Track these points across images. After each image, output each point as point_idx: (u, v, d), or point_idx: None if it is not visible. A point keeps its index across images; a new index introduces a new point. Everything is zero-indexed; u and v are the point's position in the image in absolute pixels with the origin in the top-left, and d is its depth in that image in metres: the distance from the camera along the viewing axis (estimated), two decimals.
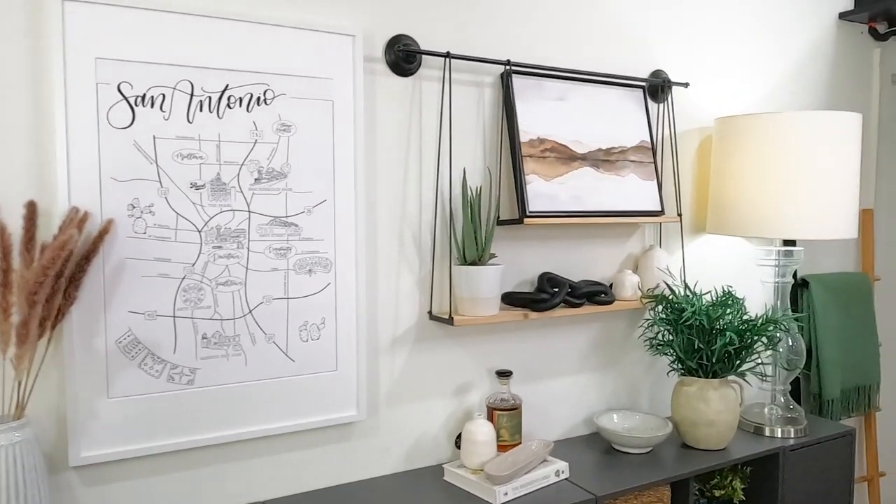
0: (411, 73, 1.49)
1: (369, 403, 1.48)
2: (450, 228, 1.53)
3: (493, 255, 1.54)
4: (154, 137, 1.23)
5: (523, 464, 1.44)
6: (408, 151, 1.50)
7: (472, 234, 1.48)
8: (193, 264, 1.27)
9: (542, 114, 1.61)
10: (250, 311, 1.33)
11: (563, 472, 1.49)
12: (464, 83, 1.55)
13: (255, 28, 1.30)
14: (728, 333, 1.60)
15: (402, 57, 1.46)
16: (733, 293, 1.73)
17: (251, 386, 1.34)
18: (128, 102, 1.20)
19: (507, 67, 1.57)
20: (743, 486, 1.73)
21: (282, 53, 1.32)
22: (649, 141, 1.77)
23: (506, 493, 1.37)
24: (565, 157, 1.63)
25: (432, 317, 1.52)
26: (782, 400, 1.85)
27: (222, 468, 1.34)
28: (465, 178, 1.51)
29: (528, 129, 1.58)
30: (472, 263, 1.49)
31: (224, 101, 1.28)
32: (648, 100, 1.81)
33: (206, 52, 1.26)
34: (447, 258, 1.55)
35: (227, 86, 1.28)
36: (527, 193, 1.55)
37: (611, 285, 1.76)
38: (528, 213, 1.54)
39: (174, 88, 1.24)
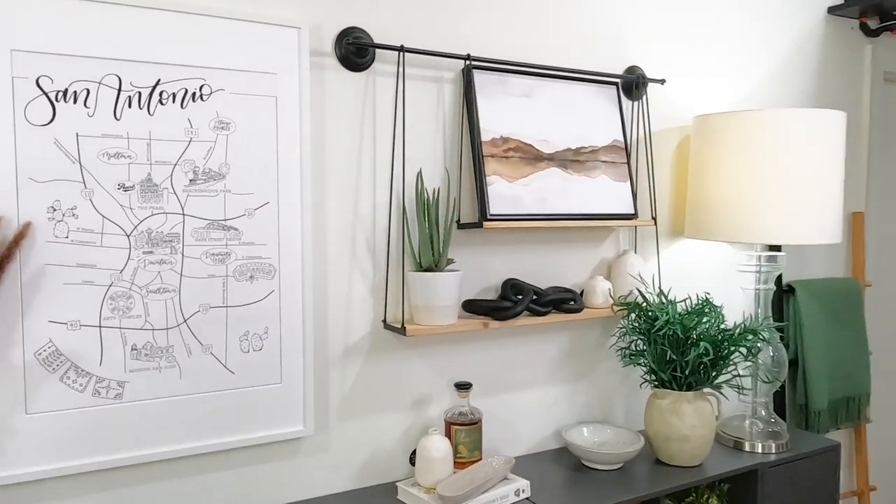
0: (364, 68, 1.41)
1: (318, 418, 1.40)
2: (404, 232, 1.44)
3: (451, 261, 1.46)
4: (77, 135, 1.15)
5: (480, 482, 1.35)
6: (360, 151, 1.42)
7: (427, 239, 1.40)
8: (121, 271, 1.19)
9: (505, 111, 1.52)
10: (185, 321, 1.24)
11: (523, 490, 1.40)
12: (422, 79, 1.47)
13: (189, 19, 1.22)
14: (702, 344, 1.51)
15: (353, 51, 1.38)
16: (711, 301, 1.64)
17: (186, 400, 1.26)
18: (48, 98, 1.12)
19: (468, 62, 1.49)
20: None
21: (220, 46, 1.24)
22: (622, 140, 1.68)
23: None
24: (530, 157, 1.54)
25: (387, 326, 1.43)
26: (763, 413, 1.76)
27: (155, 488, 1.26)
28: (420, 179, 1.42)
29: (490, 127, 1.50)
30: (428, 269, 1.40)
31: (155, 97, 1.20)
32: (622, 97, 1.72)
33: (135, 45, 1.18)
34: (403, 264, 1.46)
35: (159, 80, 1.20)
36: (488, 195, 1.46)
37: (582, 292, 1.67)
38: (488, 217, 1.45)
39: (100, 83, 1.16)
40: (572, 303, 1.59)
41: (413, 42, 1.45)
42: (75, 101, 1.14)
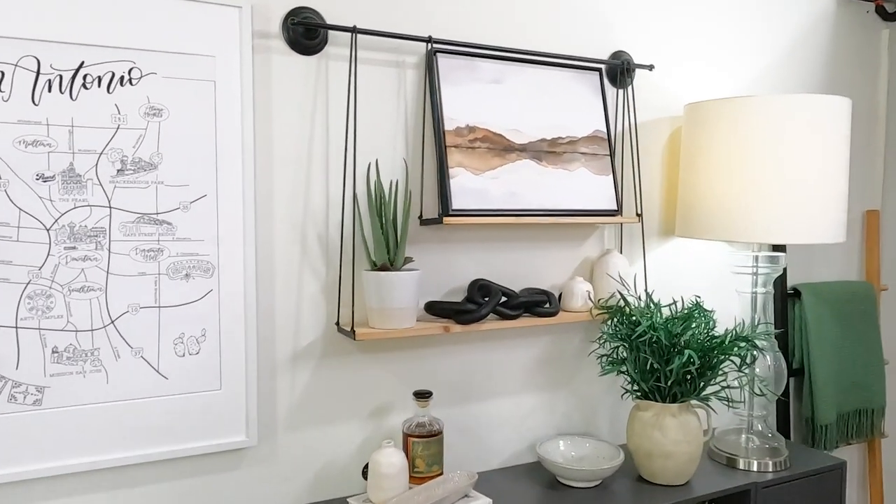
0: (315, 52, 1.31)
1: (263, 427, 1.30)
2: (358, 229, 1.34)
3: (409, 260, 1.35)
4: None
5: (437, 499, 1.24)
6: (312, 140, 1.32)
7: (381, 236, 1.29)
8: (41, 267, 1.11)
9: (473, 98, 1.41)
10: (112, 322, 1.16)
11: None
12: (382, 63, 1.37)
13: None
14: (687, 352, 1.38)
15: (301, 32, 1.28)
16: (701, 305, 1.51)
17: (114, 407, 1.17)
18: None
19: (429, 45, 1.38)
20: None
21: (152, 26, 1.15)
22: (605, 131, 1.56)
23: None
24: (500, 147, 1.43)
25: (340, 329, 1.33)
26: (759, 427, 1.62)
27: (81, 502, 1.18)
28: (376, 170, 1.31)
29: (455, 115, 1.39)
30: (383, 269, 1.30)
31: (79, 81, 1.11)
32: (607, 84, 1.60)
33: (56, 24, 1.09)
34: (354, 263, 1.36)
35: (83, 63, 1.12)
36: (450, 189, 1.35)
37: (561, 295, 1.55)
38: (450, 212, 1.34)
39: (16, 65, 1.08)
40: (547, 305, 1.47)
41: (371, 23, 1.35)
42: None
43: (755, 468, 1.55)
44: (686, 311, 1.48)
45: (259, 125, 1.27)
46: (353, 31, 1.29)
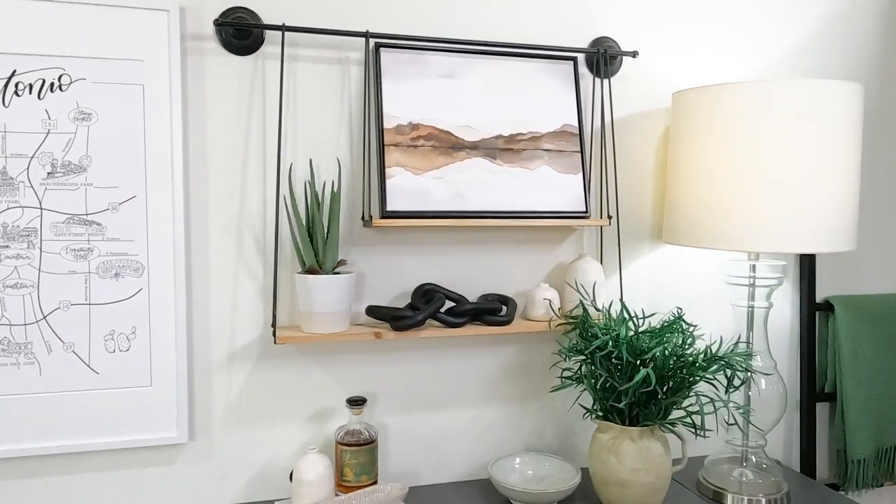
0: (251, 52, 1.30)
1: (196, 425, 1.32)
2: (277, 232, 1.31)
3: (342, 263, 1.31)
4: None
5: None
6: (248, 141, 1.31)
7: (306, 238, 1.26)
8: None
9: (419, 94, 1.34)
10: (44, 317, 1.22)
11: None
12: (324, 60, 1.33)
13: (47, 6, 1.18)
14: (643, 370, 1.24)
15: (232, 33, 1.27)
16: (681, 318, 1.35)
17: (47, 398, 1.23)
18: None
19: (368, 40, 1.32)
20: None
21: (80, 34, 1.19)
22: (577, 125, 1.43)
23: None
24: (447, 145, 1.35)
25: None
26: (754, 459, 1.43)
27: (21, 484, 1.25)
28: (310, 171, 1.29)
29: (398, 112, 1.33)
30: (311, 271, 1.27)
31: (11, 88, 1.18)
32: (587, 75, 1.47)
33: None
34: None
35: (15, 71, 1.18)
36: (386, 190, 1.30)
37: (526, 303, 1.45)
38: (384, 213, 1.29)
39: None
40: (502, 314, 1.38)
41: (313, 20, 1.32)
42: None
43: None
44: (662, 326, 1.33)
45: (193, 126, 1.28)
46: (282, 28, 1.26)
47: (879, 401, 1.64)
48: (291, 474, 1.29)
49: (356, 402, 1.32)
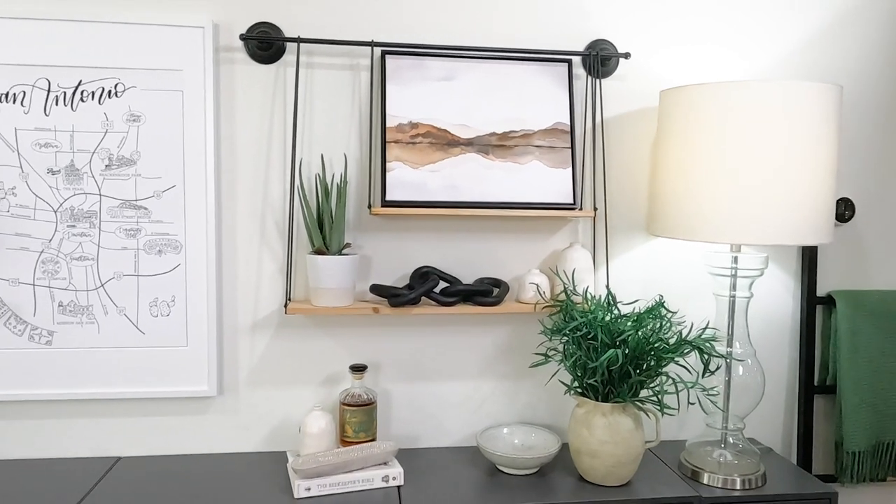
0: (273, 61, 1.49)
1: (224, 382, 1.54)
2: (291, 217, 1.50)
3: (347, 245, 1.49)
4: (16, 129, 1.42)
5: (349, 460, 1.38)
6: (271, 138, 1.51)
7: (315, 223, 1.45)
8: (50, 240, 1.45)
9: (420, 96, 1.50)
10: (102, 285, 1.47)
11: (394, 478, 1.40)
12: (338, 67, 1.51)
13: (105, 27, 1.42)
14: (614, 350, 1.35)
15: (256, 45, 1.47)
16: (661, 304, 1.44)
17: (104, 352, 1.48)
18: None
19: (372, 49, 1.49)
20: None
21: (131, 49, 1.43)
22: (568, 123, 1.54)
23: (308, 489, 1.34)
24: (443, 142, 1.50)
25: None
26: (731, 441, 1.50)
27: (82, 421, 1.52)
28: (321, 164, 1.47)
29: (399, 112, 1.49)
30: (319, 253, 1.46)
31: (77, 96, 1.43)
32: (582, 76, 1.57)
33: (60, 52, 1.41)
34: (291, 247, 1.53)
35: (81, 81, 1.43)
36: (385, 181, 1.46)
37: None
38: (383, 202, 1.45)
39: (33, 86, 1.42)
40: (493, 295, 1.51)
41: (327, 32, 1.50)
42: (14, 102, 1.41)
43: (719, 484, 1.45)
44: (642, 312, 1.43)
45: (224, 126, 1.49)
46: (298, 40, 1.45)
47: (879, 396, 1.65)
48: (300, 428, 1.49)
49: (357, 369, 1.50)
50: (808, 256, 1.68)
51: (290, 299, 1.52)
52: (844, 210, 1.68)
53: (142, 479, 1.41)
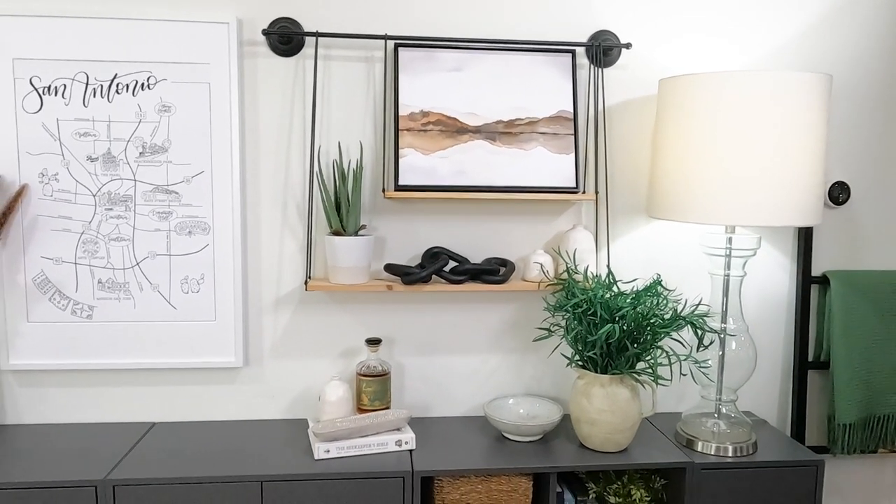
0: (293, 54, 1.59)
1: (249, 353, 1.66)
2: (311, 200, 1.61)
3: (363, 227, 1.59)
4: (57, 120, 1.54)
5: (363, 426, 1.49)
6: (291, 127, 1.61)
7: (333, 206, 1.55)
8: (90, 222, 1.57)
9: (431, 86, 1.59)
10: (137, 264, 1.59)
11: (406, 443, 1.51)
12: (354, 59, 1.61)
13: (138, 24, 1.53)
14: (611, 325, 1.44)
15: (277, 39, 1.57)
16: (659, 283, 1.53)
17: (140, 325, 1.61)
18: (37, 92, 1.53)
19: (386, 42, 1.58)
20: (648, 498, 1.55)
21: (162, 44, 1.54)
22: (572, 111, 1.62)
23: (327, 451, 1.46)
24: (453, 129, 1.59)
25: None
26: (724, 411, 1.58)
27: (121, 390, 1.65)
28: (339, 151, 1.57)
29: (412, 102, 1.58)
30: (336, 234, 1.56)
31: (113, 88, 1.54)
32: (587, 66, 1.65)
33: (98, 48, 1.52)
34: (310, 228, 1.63)
35: (116, 75, 1.54)
36: (398, 167, 1.56)
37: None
38: (396, 187, 1.55)
39: (73, 79, 1.53)
40: (500, 274, 1.61)
41: (344, 26, 1.59)
42: (56, 94, 1.53)
43: (712, 451, 1.54)
44: (641, 290, 1.52)
45: (248, 115, 1.60)
46: (316, 35, 1.55)
47: (871, 372, 1.72)
48: (320, 397, 1.61)
49: (373, 342, 1.61)
50: (804, 238, 1.75)
51: (310, 277, 1.63)
52: (839, 193, 1.74)
53: (175, 443, 1.53)
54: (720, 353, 1.56)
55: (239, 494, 1.38)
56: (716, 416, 1.60)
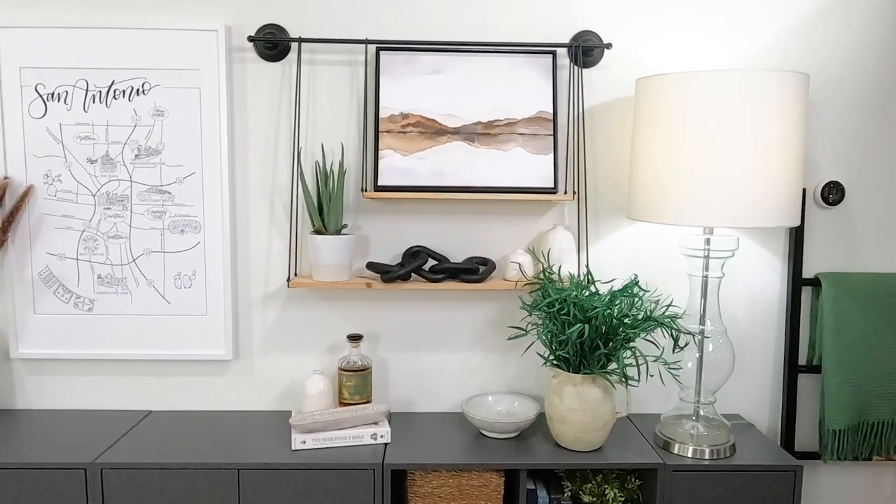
0: (279, 59, 1.65)
1: (239, 347, 1.73)
2: (293, 199, 1.66)
3: (344, 226, 1.64)
4: (60, 124, 1.64)
5: (340, 419, 1.54)
6: (278, 129, 1.68)
7: (314, 206, 1.60)
8: (90, 220, 1.66)
9: (411, 89, 1.62)
10: (134, 260, 1.68)
11: (381, 436, 1.55)
12: (336, 63, 1.66)
13: (133, 33, 1.61)
14: (580, 325, 1.45)
15: (262, 45, 1.63)
16: (635, 283, 1.53)
17: (136, 318, 1.70)
18: (42, 99, 1.63)
19: (367, 46, 1.62)
20: (623, 498, 1.55)
21: (155, 52, 1.62)
22: (551, 112, 1.63)
23: (303, 442, 1.51)
24: (431, 131, 1.62)
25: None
26: (703, 413, 1.57)
27: (119, 379, 1.74)
28: (321, 152, 1.62)
29: (392, 104, 1.62)
30: (318, 233, 1.62)
31: (111, 94, 1.63)
32: (563, 66, 1.66)
33: (96, 56, 1.61)
34: (294, 227, 1.69)
35: (113, 81, 1.63)
36: (378, 168, 1.60)
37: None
38: (375, 187, 1.59)
39: (74, 86, 1.63)
40: (479, 273, 1.63)
41: (327, 32, 1.64)
42: (59, 100, 1.63)
43: (689, 454, 1.53)
44: (617, 290, 1.52)
45: (237, 118, 1.67)
46: (299, 40, 1.60)
47: (863, 376, 1.67)
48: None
49: (354, 338, 1.66)
50: (795, 238, 1.71)
51: (295, 274, 1.69)
52: (830, 193, 1.70)
53: (166, 431, 1.62)
54: (697, 355, 1.55)
55: (217, 481, 1.45)
56: (694, 418, 1.59)
